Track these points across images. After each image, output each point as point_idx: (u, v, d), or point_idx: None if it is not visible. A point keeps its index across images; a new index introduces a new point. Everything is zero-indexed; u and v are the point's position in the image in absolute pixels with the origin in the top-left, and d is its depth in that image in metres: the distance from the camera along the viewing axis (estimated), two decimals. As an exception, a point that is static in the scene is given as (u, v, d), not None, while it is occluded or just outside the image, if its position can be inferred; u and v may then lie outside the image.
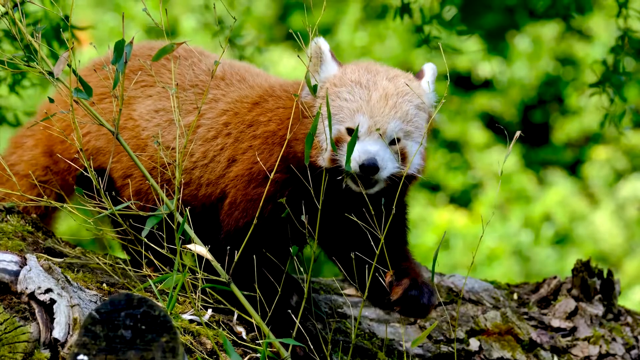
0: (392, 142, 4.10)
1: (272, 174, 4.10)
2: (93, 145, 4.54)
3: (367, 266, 4.08)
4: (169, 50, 3.96)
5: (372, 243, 4.05)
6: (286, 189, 4.18)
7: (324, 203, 4.01)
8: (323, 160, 4.08)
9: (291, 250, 4.03)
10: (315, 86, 4.15)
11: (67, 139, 4.32)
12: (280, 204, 4.11)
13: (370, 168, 4.02)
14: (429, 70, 4.31)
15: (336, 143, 4.07)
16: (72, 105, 3.91)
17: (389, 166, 4.07)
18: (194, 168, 4.38)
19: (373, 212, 4.01)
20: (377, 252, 4.01)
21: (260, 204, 4.10)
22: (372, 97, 4.10)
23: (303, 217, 4.02)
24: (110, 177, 4.41)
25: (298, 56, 4.14)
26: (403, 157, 4.13)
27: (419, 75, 4.31)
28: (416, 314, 4.16)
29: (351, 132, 4.07)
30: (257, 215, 4.08)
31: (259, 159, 4.21)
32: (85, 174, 3.98)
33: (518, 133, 3.92)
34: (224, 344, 3.84)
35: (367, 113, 4.07)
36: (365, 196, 4.01)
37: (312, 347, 4.15)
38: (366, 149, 4.04)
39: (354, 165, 4.03)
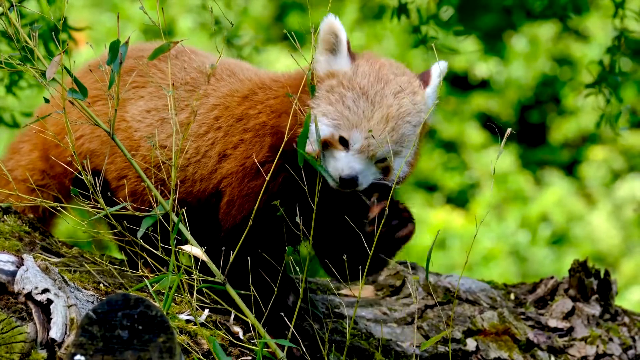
0: (379, 161, 4.12)
1: (262, 165, 4.11)
2: (87, 147, 4.53)
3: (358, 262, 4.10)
4: (166, 49, 3.96)
5: (364, 236, 4.07)
6: (279, 176, 4.18)
7: (311, 195, 4.01)
8: (309, 146, 4.07)
9: (287, 250, 4.04)
10: (313, 87, 4.13)
11: (60, 142, 4.32)
12: (275, 195, 4.11)
13: (348, 183, 4.04)
14: (436, 76, 4.27)
15: (326, 144, 4.08)
16: (64, 107, 3.91)
17: (368, 180, 4.10)
18: (188, 165, 4.38)
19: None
20: (373, 250, 4.02)
21: (255, 198, 4.11)
22: (374, 117, 4.07)
23: (297, 219, 4.02)
24: (105, 179, 4.41)
25: (292, 56, 4.11)
26: (387, 171, 4.15)
27: (425, 77, 4.28)
28: (390, 234, 4.15)
29: (343, 142, 4.07)
30: (252, 209, 4.08)
31: (251, 153, 4.22)
32: (80, 176, 3.98)
33: (509, 130, 3.92)
34: (214, 348, 3.84)
35: (364, 132, 4.06)
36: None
37: (308, 347, 4.15)
38: (351, 165, 4.05)
39: (335, 175, 4.05)
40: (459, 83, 12.42)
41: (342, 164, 4.05)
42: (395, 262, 4.92)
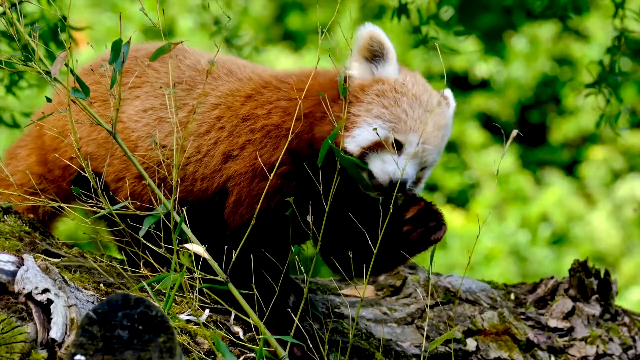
0: (422, 168, 4.21)
1: (277, 167, 4.13)
2: (84, 151, 4.53)
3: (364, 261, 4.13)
4: (167, 50, 3.97)
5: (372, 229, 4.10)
6: (293, 180, 4.19)
7: (325, 196, 4.03)
8: (354, 147, 4.11)
9: (292, 249, 4.04)
10: (345, 88, 4.15)
11: (63, 138, 4.33)
12: (288, 195, 4.12)
13: (399, 186, 4.08)
14: (452, 99, 4.37)
15: (376, 145, 4.10)
16: (69, 105, 3.91)
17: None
18: (188, 164, 4.38)
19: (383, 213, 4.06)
20: (378, 244, 4.03)
21: (267, 198, 4.12)
22: (430, 124, 4.15)
23: (308, 218, 4.03)
24: (104, 181, 4.41)
25: (329, 56, 4.13)
26: (418, 180, 4.25)
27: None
28: (432, 230, 4.23)
29: (398, 145, 4.12)
30: (263, 209, 4.09)
31: (262, 154, 4.22)
32: (83, 173, 3.99)
33: (515, 132, 3.95)
34: (218, 346, 3.84)
35: (422, 137, 4.13)
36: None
37: (309, 347, 4.15)
38: (405, 169, 4.10)
39: (385, 178, 4.09)
40: (459, 83, 12.41)
41: (393, 167, 4.10)
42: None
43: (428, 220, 4.22)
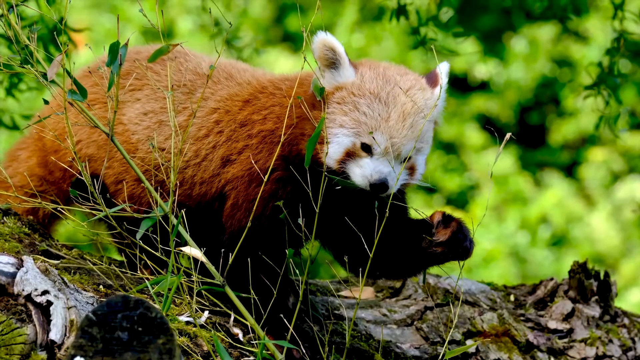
0: (404, 160, 4.15)
1: (271, 173, 4.13)
2: (84, 152, 4.53)
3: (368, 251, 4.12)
4: (165, 52, 3.97)
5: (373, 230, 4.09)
6: (288, 186, 4.19)
7: (325, 199, 4.03)
8: (332, 163, 4.11)
9: (287, 253, 4.04)
10: (322, 89, 4.14)
11: (60, 142, 4.32)
12: (283, 200, 4.13)
13: (379, 187, 4.06)
14: (445, 76, 4.30)
15: (348, 154, 4.10)
16: (65, 107, 3.91)
17: (397, 183, 4.13)
18: (187, 167, 4.38)
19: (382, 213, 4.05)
20: (374, 247, 4.03)
21: (263, 203, 4.12)
22: (391, 116, 4.11)
23: (300, 221, 4.03)
24: (104, 183, 4.41)
25: (305, 58, 4.11)
26: (411, 170, 4.20)
27: (431, 78, 4.31)
28: (458, 256, 4.23)
29: (366, 148, 4.10)
30: (259, 213, 4.09)
31: (258, 159, 4.23)
32: (80, 177, 3.99)
33: (508, 135, 3.94)
34: (217, 348, 3.84)
35: (385, 133, 4.09)
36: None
37: (308, 349, 4.15)
38: (380, 169, 4.08)
39: (365, 183, 4.08)
40: (459, 84, 12.41)
41: (369, 169, 4.08)
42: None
43: (459, 246, 4.21)
